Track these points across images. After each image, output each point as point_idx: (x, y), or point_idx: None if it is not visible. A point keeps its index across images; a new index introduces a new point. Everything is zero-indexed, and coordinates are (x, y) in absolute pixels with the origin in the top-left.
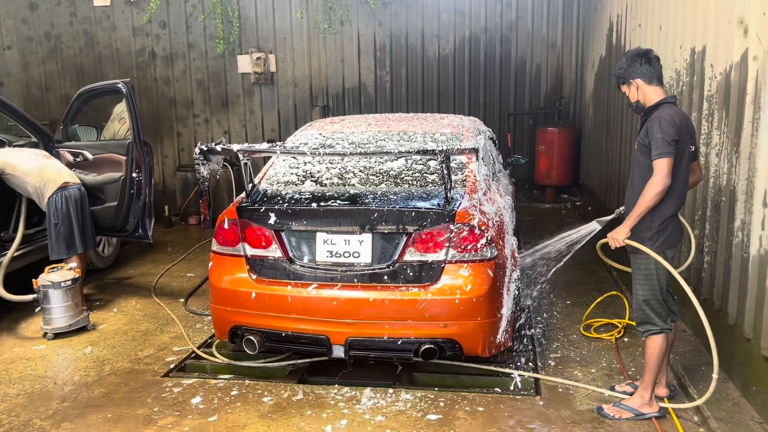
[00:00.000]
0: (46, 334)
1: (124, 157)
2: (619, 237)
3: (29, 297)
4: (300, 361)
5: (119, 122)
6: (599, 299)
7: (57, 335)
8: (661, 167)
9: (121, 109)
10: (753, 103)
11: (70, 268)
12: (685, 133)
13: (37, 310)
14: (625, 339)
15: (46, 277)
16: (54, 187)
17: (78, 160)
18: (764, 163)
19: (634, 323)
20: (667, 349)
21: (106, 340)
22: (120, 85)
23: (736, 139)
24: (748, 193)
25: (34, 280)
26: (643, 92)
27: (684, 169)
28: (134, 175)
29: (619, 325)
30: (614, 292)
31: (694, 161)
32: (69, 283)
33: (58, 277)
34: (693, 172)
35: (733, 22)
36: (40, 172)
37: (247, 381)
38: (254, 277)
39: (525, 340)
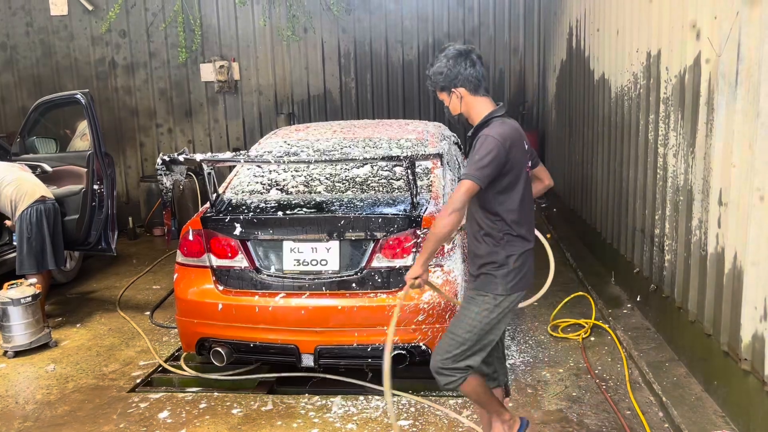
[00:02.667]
0: (6, 352)
1: (85, 169)
2: (414, 275)
3: None
4: (268, 375)
5: (81, 139)
6: (566, 300)
7: (18, 353)
8: (456, 192)
9: (84, 125)
10: (707, 105)
11: (30, 284)
12: (517, 152)
13: None
14: (592, 338)
15: (6, 294)
16: (30, 201)
17: (36, 173)
18: (719, 162)
19: (600, 323)
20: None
21: (69, 356)
22: (79, 96)
23: (692, 139)
24: (705, 192)
25: None
26: (467, 104)
27: (527, 192)
28: (96, 187)
29: (586, 325)
30: (580, 293)
31: (535, 167)
32: (29, 299)
33: (18, 293)
34: (540, 179)
35: (686, 26)
36: (17, 182)
37: (215, 393)
38: (221, 288)
39: None
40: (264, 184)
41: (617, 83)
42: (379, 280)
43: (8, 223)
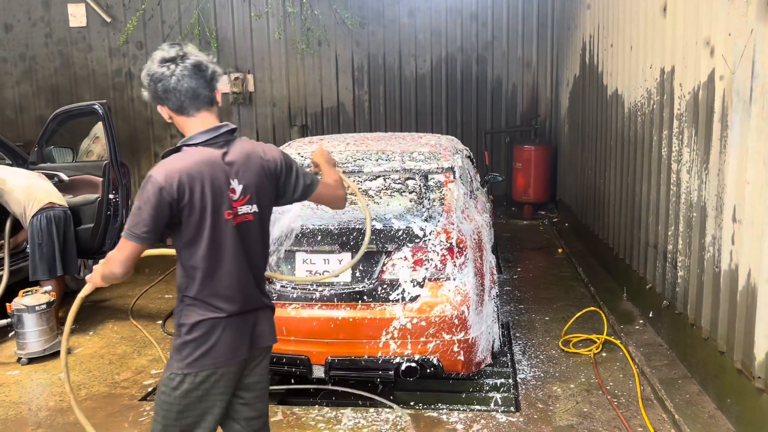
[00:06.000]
0: (20, 359)
1: (101, 179)
2: (93, 282)
3: (2, 322)
4: (278, 387)
5: (93, 141)
6: (577, 315)
7: (31, 360)
8: (119, 252)
9: (96, 129)
10: (720, 122)
11: (45, 292)
12: (200, 194)
13: (10, 334)
14: (603, 354)
15: (21, 301)
16: (38, 206)
17: (53, 181)
18: (733, 179)
19: (612, 339)
20: None
21: (81, 364)
22: (97, 106)
23: (706, 156)
24: (718, 208)
25: (8, 304)
26: (179, 125)
27: (226, 244)
28: (111, 196)
29: (597, 341)
30: (592, 308)
31: (306, 197)
32: (44, 306)
33: (33, 300)
34: (326, 204)
35: (700, 42)
36: (28, 189)
37: None
38: None
39: (505, 357)
40: None
41: (630, 99)
42: (391, 293)
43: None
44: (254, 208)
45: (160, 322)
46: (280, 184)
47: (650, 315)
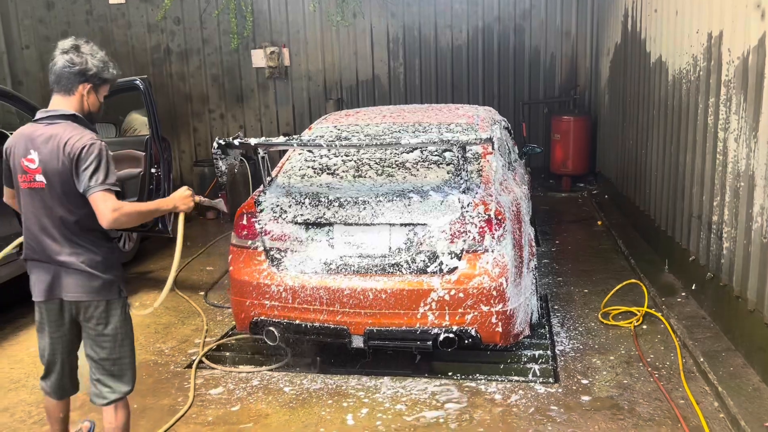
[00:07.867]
0: None
1: (143, 153)
2: None
3: None
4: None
5: (133, 133)
6: (617, 287)
7: None
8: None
9: (130, 120)
10: None
11: None
12: (13, 159)
13: None
14: (644, 326)
15: None
16: None
17: None
18: None
19: (653, 311)
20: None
21: None
22: (138, 82)
23: (755, 123)
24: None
25: None
26: None
27: (27, 204)
28: (153, 170)
29: (638, 313)
30: (632, 281)
31: (86, 195)
32: None
33: None
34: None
35: (750, 5)
36: None
37: (267, 371)
38: (274, 269)
39: (543, 329)
40: (315, 168)
41: (675, 66)
42: (429, 264)
43: None
44: (43, 179)
45: (203, 293)
46: (74, 171)
47: (693, 287)
